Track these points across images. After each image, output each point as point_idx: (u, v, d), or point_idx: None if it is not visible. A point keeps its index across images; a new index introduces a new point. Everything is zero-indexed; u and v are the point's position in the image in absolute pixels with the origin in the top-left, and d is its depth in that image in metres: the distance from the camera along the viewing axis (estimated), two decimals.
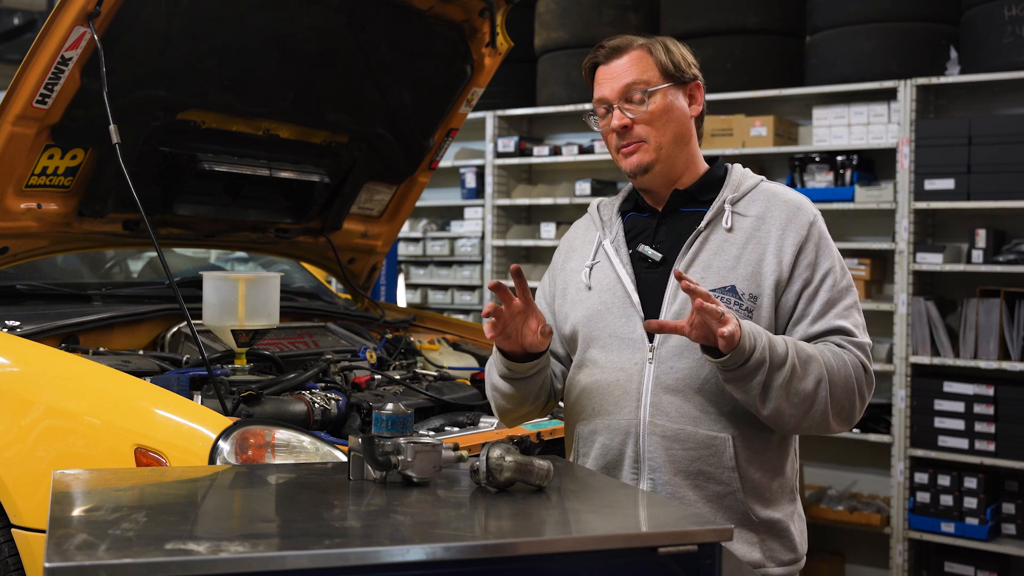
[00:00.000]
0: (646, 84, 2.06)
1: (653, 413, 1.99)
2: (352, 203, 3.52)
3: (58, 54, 2.48)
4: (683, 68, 2.10)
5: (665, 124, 2.07)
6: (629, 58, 2.08)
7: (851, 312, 2.02)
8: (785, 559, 2.03)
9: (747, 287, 1.99)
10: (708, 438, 1.97)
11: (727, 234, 2.03)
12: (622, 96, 2.07)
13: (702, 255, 2.03)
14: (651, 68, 2.07)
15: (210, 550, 1.36)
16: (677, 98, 2.09)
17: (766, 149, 4.82)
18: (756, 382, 1.87)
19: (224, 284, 2.79)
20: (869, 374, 1.99)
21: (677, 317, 1.98)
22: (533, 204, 5.74)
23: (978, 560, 4.38)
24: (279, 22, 2.89)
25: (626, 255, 2.10)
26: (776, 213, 2.04)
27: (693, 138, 2.14)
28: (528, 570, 1.48)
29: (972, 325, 4.29)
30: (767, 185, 2.11)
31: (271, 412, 2.43)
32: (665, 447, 1.99)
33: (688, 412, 1.98)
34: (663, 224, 2.11)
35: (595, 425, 2.07)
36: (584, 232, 2.23)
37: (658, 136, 2.07)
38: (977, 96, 4.61)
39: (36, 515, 2.23)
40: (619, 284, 2.07)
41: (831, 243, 2.06)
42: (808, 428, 1.98)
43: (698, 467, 1.98)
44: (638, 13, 5.35)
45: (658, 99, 2.06)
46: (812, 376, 1.91)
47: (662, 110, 2.07)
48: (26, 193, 2.74)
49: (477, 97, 3.46)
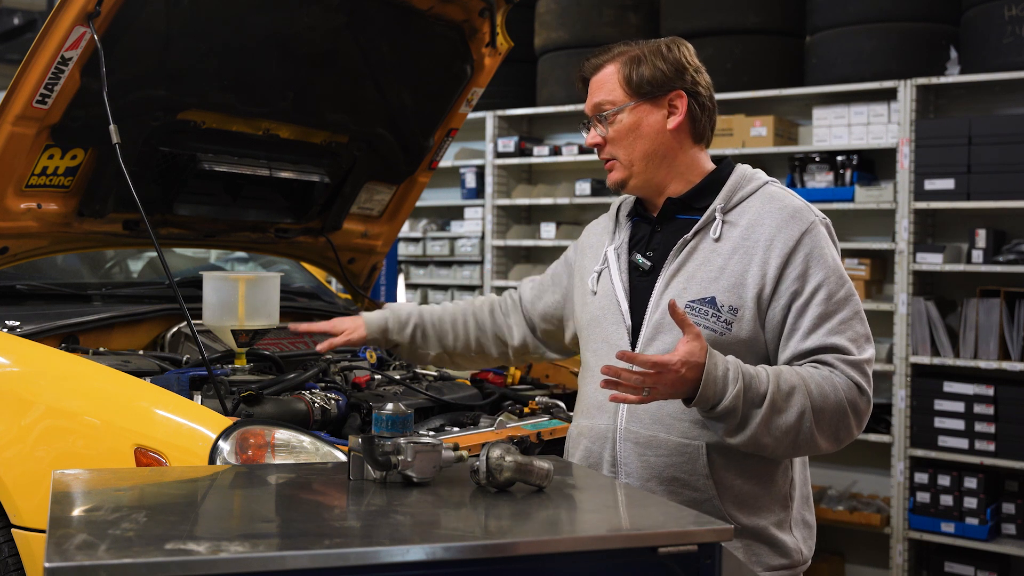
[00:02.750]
0: (611, 104, 2.06)
1: (628, 419, 2.02)
2: (352, 203, 3.52)
3: (58, 54, 2.48)
4: (659, 82, 2.05)
5: (633, 142, 2.06)
6: (603, 74, 2.09)
7: (849, 326, 1.95)
8: (775, 564, 2.00)
9: (727, 299, 1.96)
10: (681, 445, 1.97)
11: (715, 244, 2.01)
12: (593, 114, 2.10)
13: (688, 265, 2.02)
14: (617, 87, 2.06)
15: (210, 550, 1.36)
16: (648, 114, 2.06)
17: (766, 149, 4.82)
18: (730, 424, 1.87)
19: (224, 284, 2.79)
20: (865, 394, 1.94)
21: (658, 326, 2.00)
22: (533, 204, 5.74)
23: (978, 560, 4.38)
24: (279, 22, 2.89)
25: (625, 262, 2.12)
26: (768, 221, 2.00)
27: (677, 150, 2.08)
28: (528, 570, 1.49)
29: (972, 325, 4.29)
30: (769, 189, 2.07)
31: (271, 412, 2.43)
32: (639, 453, 2.00)
33: (662, 419, 1.99)
34: (657, 232, 2.11)
35: (581, 428, 2.12)
36: (600, 232, 2.26)
37: (627, 154, 2.07)
38: (977, 96, 4.61)
39: (36, 515, 2.23)
40: (613, 292, 2.10)
41: (828, 252, 1.99)
42: (796, 454, 1.96)
43: (672, 473, 1.98)
44: (638, 13, 5.35)
45: (624, 118, 2.06)
46: (794, 409, 1.87)
47: (628, 129, 2.06)
48: (26, 193, 2.74)
49: (477, 97, 3.46)
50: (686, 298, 1.98)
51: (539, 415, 2.80)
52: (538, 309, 2.43)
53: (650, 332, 2.01)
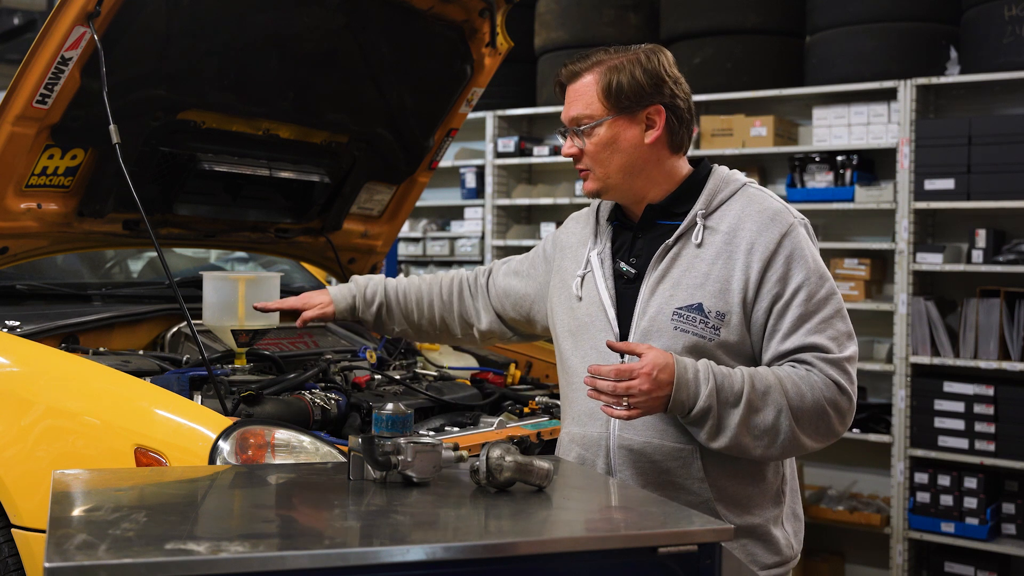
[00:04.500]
0: (589, 118, 2.04)
1: (621, 427, 2.02)
2: (352, 203, 3.52)
3: (58, 54, 2.48)
4: (637, 96, 2.01)
5: (609, 156, 2.04)
6: (581, 84, 2.06)
7: (829, 324, 1.95)
8: (769, 562, 2.02)
9: (715, 305, 1.96)
10: (675, 450, 1.98)
11: (697, 250, 2.00)
12: (571, 126, 2.08)
13: (672, 271, 2.01)
14: (596, 100, 2.03)
15: (210, 550, 1.36)
16: (626, 129, 2.03)
17: (766, 149, 4.82)
18: (710, 427, 1.89)
19: (224, 284, 2.79)
20: (846, 392, 1.94)
21: (646, 332, 2.00)
22: (533, 204, 5.74)
23: (978, 560, 4.38)
24: (279, 22, 2.89)
25: (610, 269, 2.10)
26: (748, 225, 1.99)
27: (654, 162, 2.06)
28: (528, 570, 1.49)
29: (972, 325, 4.29)
30: (748, 191, 2.06)
31: (271, 412, 2.43)
32: (633, 460, 2.00)
33: (655, 424, 1.99)
34: (639, 238, 2.10)
35: (573, 435, 2.12)
36: (581, 233, 2.23)
37: (602, 168, 2.05)
38: (977, 96, 4.61)
39: (36, 515, 2.23)
40: (599, 300, 2.08)
41: (808, 253, 1.98)
42: (782, 456, 1.96)
43: (667, 478, 1.99)
44: (638, 13, 5.34)
45: (601, 132, 2.04)
46: (771, 408, 1.89)
47: (605, 143, 2.04)
48: (26, 193, 2.74)
49: (477, 97, 3.46)
50: (673, 305, 1.98)
51: (539, 415, 2.81)
52: (510, 299, 2.39)
53: (638, 339, 2.01)
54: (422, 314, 2.47)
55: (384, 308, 2.47)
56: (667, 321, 1.98)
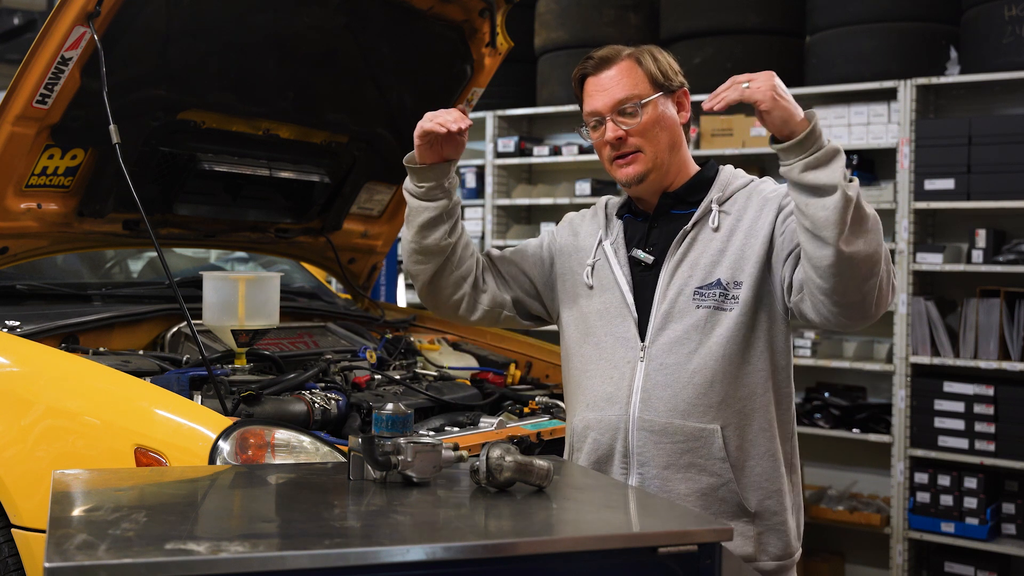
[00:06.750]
0: (639, 97, 2.08)
1: (642, 409, 2.03)
2: (352, 203, 3.52)
3: (58, 54, 2.48)
4: (671, 76, 2.12)
5: (659, 133, 2.10)
6: (618, 69, 2.10)
7: None
8: (779, 553, 2.05)
9: (731, 275, 2.02)
10: (697, 430, 2.00)
11: (714, 233, 2.07)
12: (614, 109, 2.09)
13: (690, 254, 2.07)
14: (641, 80, 2.10)
15: (210, 550, 1.36)
16: (667, 107, 2.12)
17: (766, 149, 4.81)
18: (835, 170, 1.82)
19: (224, 284, 2.79)
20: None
21: (666, 316, 2.04)
22: (533, 204, 5.74)
23: (978, 560, 4.38)
24: (279, 22, 2.89)
25: (624, 258, 2.15)
26: (755, 202, 2.07)
27: (683, 144, 2.16)
28: (528, 570, 1.49)
29: (972, 325, 4.29)
30: (755, 184, 2.13)
31: (271, 412, 2.43)
32: (654, 441, 2.02)
33: (676, 405, 2.01)
34: (655, 227, 2.15)
35: (588, 421, 2.11)
36: (590, 224, 2.27)
37: (653, 146, 2.09)
38: (977, 96, 4.61)
39: (36, 515, 2.23)
40: (616, 287, 2.13)
41: None
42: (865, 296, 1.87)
43: (688, 460, 2.00)
44: (638, 13, 5.34)
45: (650, 110, 2.09)
46: (871, 219, 1.85)
47: (655, 120, 2.09)
48: (26, 193, 2.74)
49: (477, 97, 3.46)
50: (692, 285, 2.04)
51: (539, 415, 2.81)
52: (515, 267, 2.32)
53: (659, 322, 2.05)
54: (464, 257, 2.28)
55: (458, 208, 2.40)
56: (688, 301, 2.04)
